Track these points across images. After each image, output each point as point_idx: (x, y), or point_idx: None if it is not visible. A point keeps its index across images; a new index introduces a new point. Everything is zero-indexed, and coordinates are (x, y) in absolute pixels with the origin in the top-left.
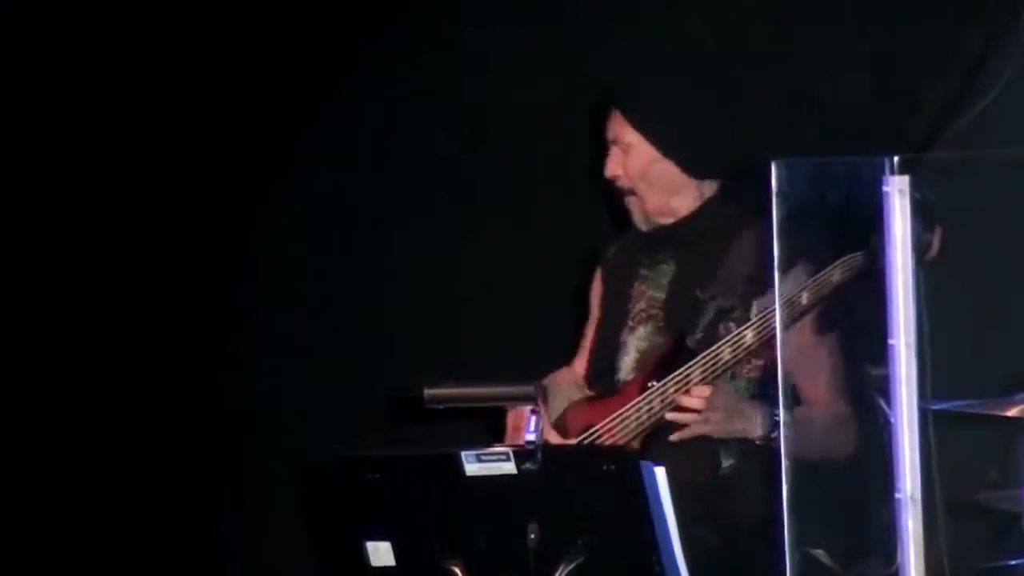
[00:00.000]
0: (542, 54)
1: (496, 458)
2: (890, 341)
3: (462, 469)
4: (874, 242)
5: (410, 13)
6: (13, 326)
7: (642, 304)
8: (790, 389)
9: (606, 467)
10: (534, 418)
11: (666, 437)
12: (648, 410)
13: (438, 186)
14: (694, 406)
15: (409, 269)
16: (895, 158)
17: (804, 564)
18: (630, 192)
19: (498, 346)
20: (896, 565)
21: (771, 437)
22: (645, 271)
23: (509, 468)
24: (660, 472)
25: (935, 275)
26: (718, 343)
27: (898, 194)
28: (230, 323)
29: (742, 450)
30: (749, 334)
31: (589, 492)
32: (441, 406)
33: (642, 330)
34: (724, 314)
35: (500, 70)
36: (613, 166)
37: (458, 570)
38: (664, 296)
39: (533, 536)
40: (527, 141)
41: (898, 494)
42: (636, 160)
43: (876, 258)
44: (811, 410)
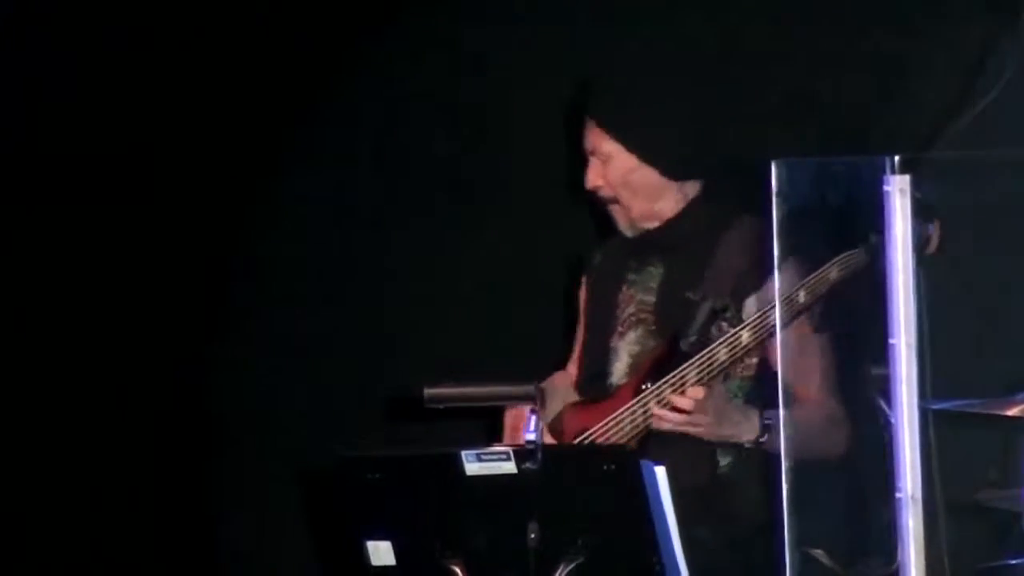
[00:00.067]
0: (542, 54)
1: (496, 458)
2: (891, 340)
3: (462, 469)
4: (871, 239)
5: (410, 13)
6: (13, 326)
7: (631, 309)
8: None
9: (606, 467)
10: (534, 417)
11: (662, 438)
12: (643, 412)
13: (438, 186)
14: (684, 407)
15: (409, 269)
16: (896, 158)
17: (804, 564)
18: (613, 201)
19: (498, 346)
20: (896, 564)
21: (760, 441)
22: (632, 275)
23: (509, 468)
24: (660, 471)
25: (936, 274)
26: (714, 343)
27: (899, 193)
28: (230, 323)
29: (739, 449)
30: (745, 334)
31: (589, 492)
32: (441, 406)
33: (633, 334)
34: (717, 314)
35: (500, 70)
36: (593, 177)
37: (458, 569)
38: (654, 299)
39: (533, 536)
40: (527, 141)
41: (898, 493)
42: (616, 169)
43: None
44: (803, 410)
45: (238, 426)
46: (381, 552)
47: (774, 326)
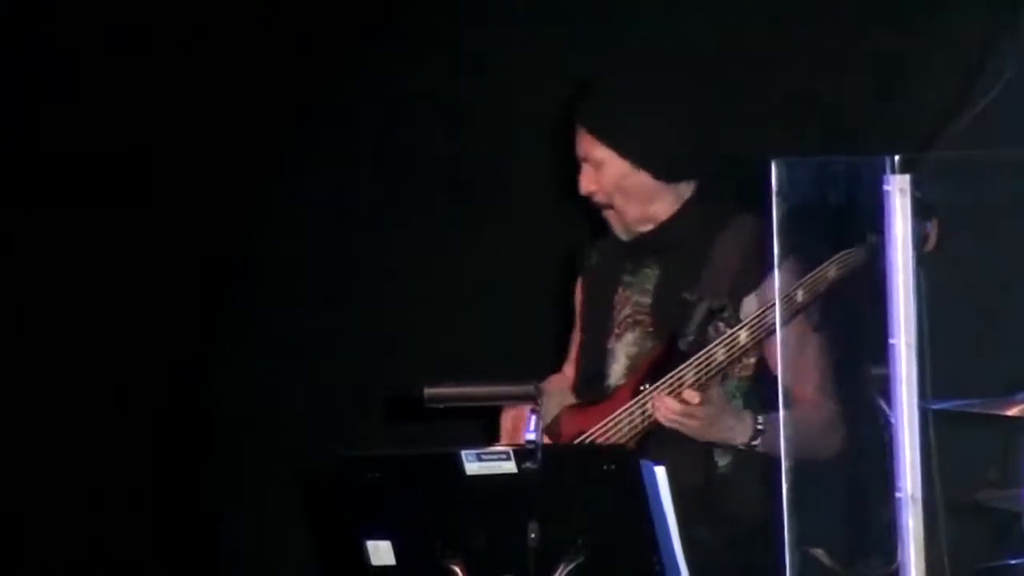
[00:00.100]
0: (542, 54)
1: (496, 457)
2: (891, 340)
3: (462, 468)
4: (869, 237)
5: (410, 13)
6: (13, 326)
7: (627, 310)
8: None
9: (606, 466)
10: (534, 417)
11: (661, 439)
12: (641, 413)
13: (438, 186)
14: (673, 409)
15: (409, 269)
16: (896, 157)
17: (804, 563)
18: (608, 206)
19: (498, 346)
20: (896, 564)
21: (753, 445)
22: (628, 277)
23: (509, 467)
24: (660, 471)
25: (935, 274)
26: (712, 344)
27: (899, 193)
28: (230, 323)
29: (737, 449)
30: (743, 334)
31: (589, 491)
32: (441, 405)
33: (630, 336)
34: (714, 315)
35: (500, 70)
36: (587, 183)
37: (458, 569)
38: (650, 301)
39: (533, 535)
40: (527, 141)
41: (898, 493)
42: (609, 175)
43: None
44: (798, 411)
45: (238, 426)
46: (381, 552)
47: (772, 325)
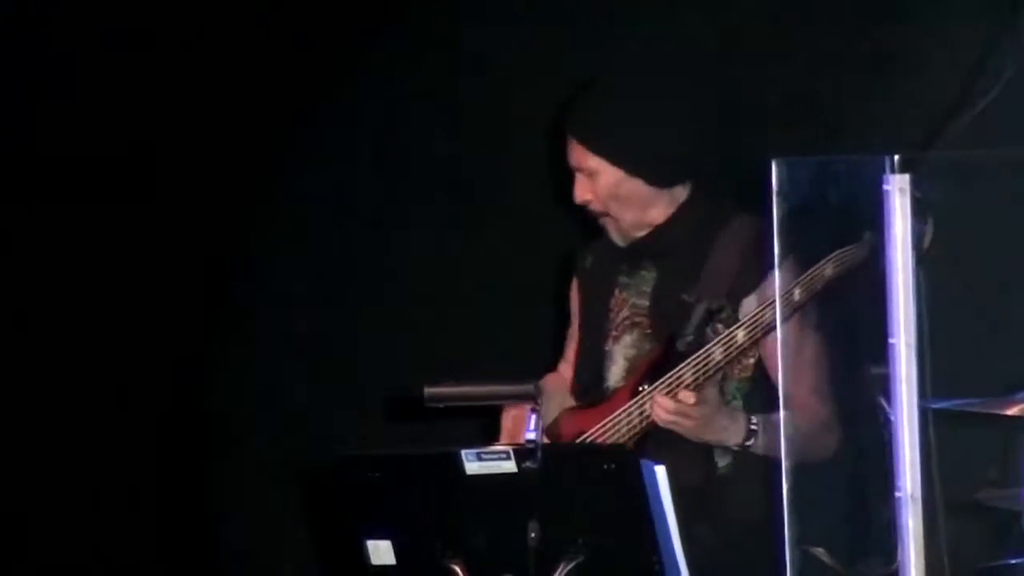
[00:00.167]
0: (542, 54)
1: (496, 457)
2: (890, 340)
3: (462, 468)
4: (867, 236)
5: (410, 13)
6: (12, 326)
7: (625, 312)
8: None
9: (606, 466)
10: (534, 417)
11: (660, 440)
12: (639, 414)
13: (438, 186)
14: (668, 408)
15: (409, 269)
16: (895, 157)
17: (804, 563)
18: (603, 214)
19: (498, 346)
20: (896, 564)
21: (747, 445)
22: (625, 279)
23: (509, 467)
24: (660, 471)
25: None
26: (709, 343)
27: (898, 193)
28: (229, 323)
29: (736, 450)
30: (740, 333)
31: (589, 491)
32: (441, 405)
33: (628, 338)
34: (712, 315)
35: (500, 70)
36: (581, 192)
37: (458, 569)
38: (648, 303)
39: (533, 535)
40: (527, 141)
41: (898, 493)
42: (603, 184)
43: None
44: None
45: (238, 426)
46: (381, 551)
47: (769, 324)
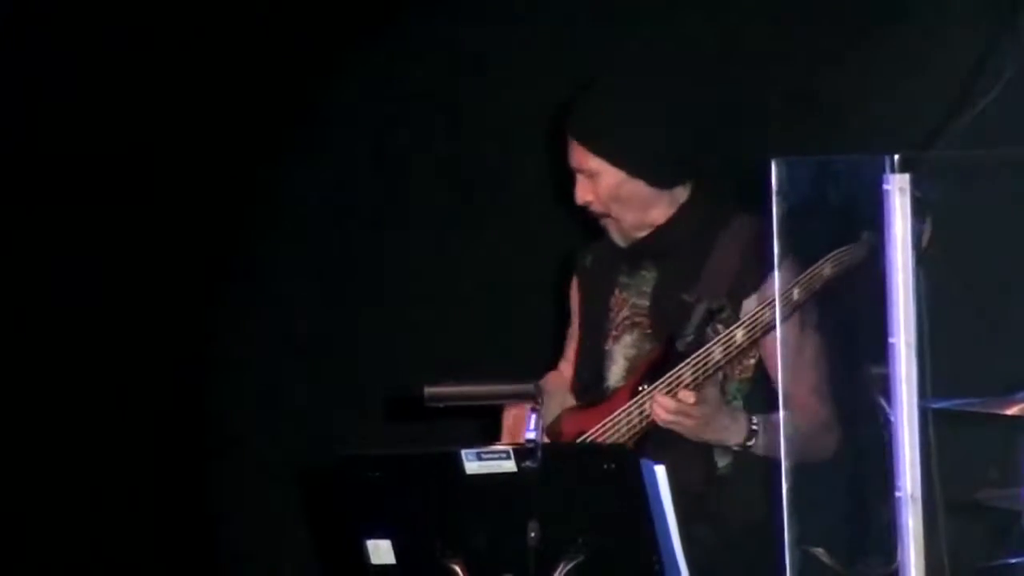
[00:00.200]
0: (542, 54)
1: (496, 456)
2: (890, 340)
3: (462, 467)
4: (865, 235)
5: (410, 13)
6: (13, 326)
7: (625, 312)
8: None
9: (606, 466)
10: (534, 416)
11: (660, 440)
12: (639, 414)
13: (438, 186)
14: (668, 407)
15: (409, 269)
16: (896, 156)
17: (804, 563)
18: (605, 215)
19: (498, 346)
20: (896, 563)
21: (748, 446)
22: (625, 279)
23: (509, 467)
24: (660, 471)
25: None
26: (708, 343)
27: (898, 192)
28: (229, 323)
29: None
30: (739, 333)
31: (589, 491)
32: (441, 404)
33: (628, 338)
34: (712, 315)
35: (500, 70)
36: (582, 193)
37: (458, 568)
38: (648, 303)
39: (533, 535)
40: (527, 141)
41: (898, 492)
42: (604, 185)
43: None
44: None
45: (238, 426)
46: (381, 551)
47: (768, 324)
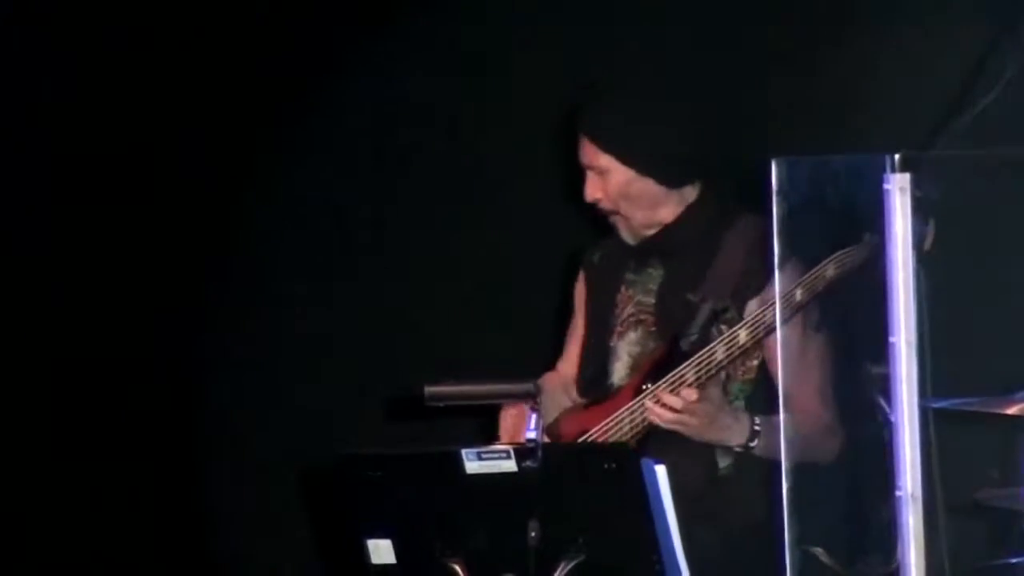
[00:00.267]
0: (542, 54)
1: (497, 456)
2: (891, 339)
3: (462, 467)
4: (867, 237)
5: (410, 13)
6: (13, 326)
7: (631, 309)
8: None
9: (607, 465)
10: (534, 416)
11: (662, 439)
12: (642, 412)
13: (438, 186)
14: (674, 406)
15: (409, 269)
16: (896, 156)
17: (804, 562)
18: (614, 212)
19: (498, 345)
20: (896, 563)
21: (750, 446)
22: (631, 276)
23: (509, 466)
24: (660, 470)
25: (936, 273)
26: (712, 343)
27: (899, 192)
28: (229, 323)
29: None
30: (742, 333)
31: (590, 490)
32: (441, 404)
33: (632, 335)
34: (717, 316)
35: (500, 70)
36: (592, 190)
37: (459, 568)
38: (654, 300)
39: (534, 534)
40: (527, 141)
41: (898, 492)
42: (614, 182)
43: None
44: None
45: (238, 426)
46: (381, 550)
47: (771, 325)
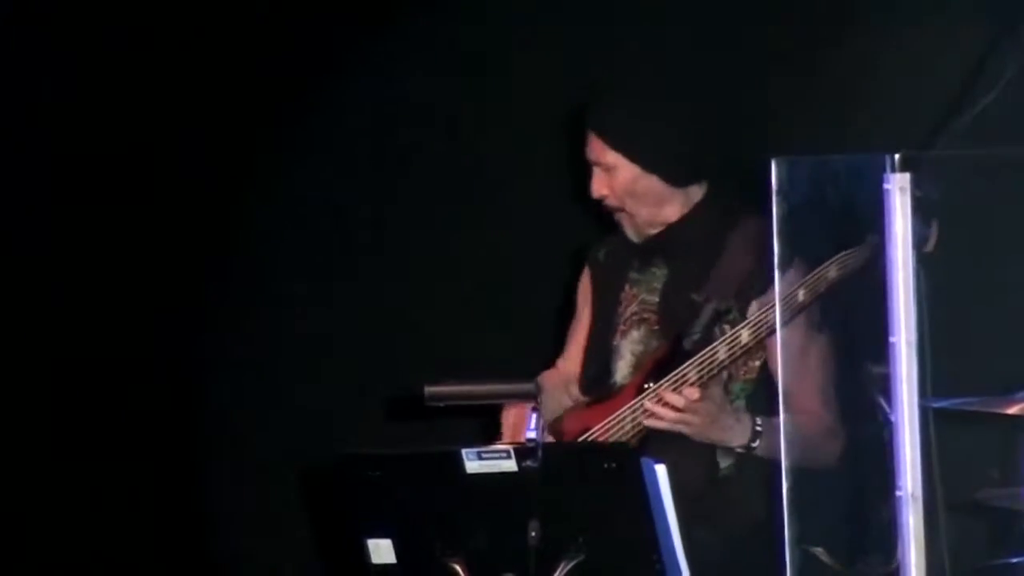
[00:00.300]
0: (542, 54)
1: (497, 456)
2: (891, 339)
3: (463, 467)
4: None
5: (410, 13)
6: (12, 327)
7: (634, 307)
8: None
9: (607, 465)
10: (535, 415)
11: (663, 438)
12: (644, 411)
13: (438, 186)
14: (676, 405)
15: (409, 269)
16: (896, 156)
17: (804, 562)
18: (619, 209)
19: (498, 345)
20: (896, 563)
21: (752, 447)
22: (635, 274)
23: (510, 466)
24: (661, 470)
25: (935, 272)
26: (714, 343)
27: (899, 192)
28: (229, 323)
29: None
30: (745, 333)
31: (590, 490)
32: (441, 404)
33: (635, 334)
34: (720, 316)
35: (500, 70)
36: (598, 187)
37: (459, 568)
38: (657, 299)
39: (534, 534)
40: (527, 141)
41: (899, 492)
42: (620, 179)
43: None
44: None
45: (238, 426)
46: (382, 550)
47: (773, 325)
